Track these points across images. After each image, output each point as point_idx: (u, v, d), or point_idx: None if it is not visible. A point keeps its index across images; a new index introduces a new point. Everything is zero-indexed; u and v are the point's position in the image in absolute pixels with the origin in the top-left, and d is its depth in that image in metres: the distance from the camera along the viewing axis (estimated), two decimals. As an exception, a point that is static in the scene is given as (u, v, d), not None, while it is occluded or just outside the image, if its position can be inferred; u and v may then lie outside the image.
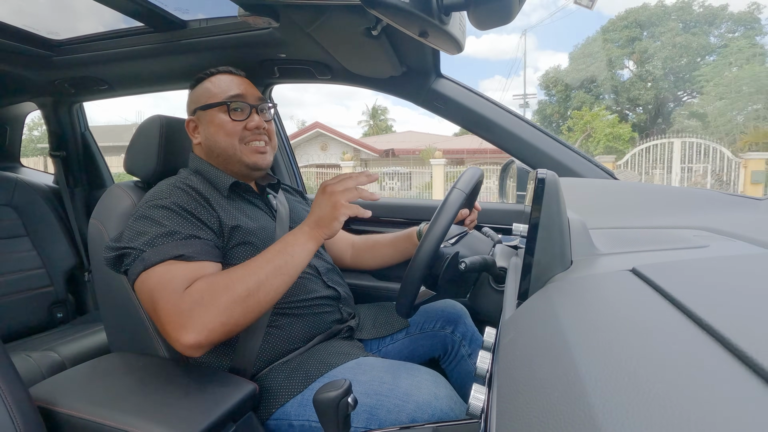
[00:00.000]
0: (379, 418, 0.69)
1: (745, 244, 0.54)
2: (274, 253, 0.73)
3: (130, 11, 1.11)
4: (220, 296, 0.66)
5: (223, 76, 0.93)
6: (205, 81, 0.93)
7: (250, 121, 0.90)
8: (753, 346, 0.21)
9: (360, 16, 0.89)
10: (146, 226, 0.74)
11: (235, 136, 0.89)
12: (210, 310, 0.65)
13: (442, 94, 1.25)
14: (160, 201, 0.78)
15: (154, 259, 0.70)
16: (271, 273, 0.71)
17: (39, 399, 0.66)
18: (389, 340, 1.01)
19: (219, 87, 0.91)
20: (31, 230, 1.68)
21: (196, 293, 0.66)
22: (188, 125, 0.93)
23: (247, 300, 0.67)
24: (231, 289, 0.67)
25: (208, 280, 0.69)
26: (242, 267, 0.71)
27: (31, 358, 1.26)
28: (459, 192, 0.73)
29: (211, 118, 0.89)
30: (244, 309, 0.67)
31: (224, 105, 0.89)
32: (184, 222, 0.76)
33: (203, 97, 0.91)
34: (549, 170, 0.48)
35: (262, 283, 0.69)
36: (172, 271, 0.69)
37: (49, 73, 1.51)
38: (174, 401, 0.65)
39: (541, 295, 0.43)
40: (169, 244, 0.72)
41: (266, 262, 0.72)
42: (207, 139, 0.90)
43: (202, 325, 0.64)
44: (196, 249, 0.73)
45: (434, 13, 0.65)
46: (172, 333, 0.65)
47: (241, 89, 0.91)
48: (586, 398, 0.21)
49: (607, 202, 0.90)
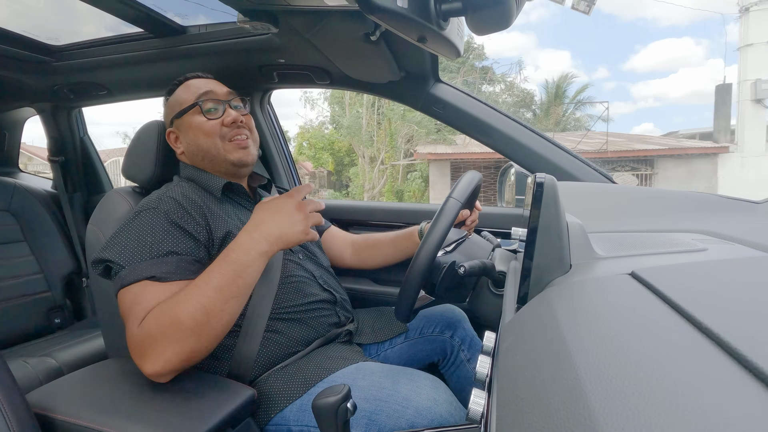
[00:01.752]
0: (378, 423, 0.69)
1: (744, 247, 0.54)
2: (221, 276, 0.68)
3: (129, 17, 1.11)
4: (167, 330, 0.65)
5: (190, 81, 0.94)
6: (176, 90, 0.94)
7: (226, 116, 0.89)
8: (752, 349, 0.21)
9: (358, 22, 0.90)
10: (128, 239, 0.74)
11: (214, 135, 0.88)
12: (161, 344, 0.65)
13: (441, 98, 1.25)
14: (147, 212, 0.77)
15: (129, 279, 0.70)
16: (221, 300, 0.67)
17: (36, 405, 0.66)
18: (388, 344, 1.00)
19: (188, 91, 0.91)
20: (29, 235, 1.67)
21: (147, 327, 0.65)
22: (169, 137, 0.93)
23: (197, 330, 0.65)
24: (177, 322, 0.65)
25: (156, 313, 0.66)
26: (187, 294, 0.66)
27: (28, 364, 1.25)
28: (455, 201, 0.73)
29: (188, 124, 0.89)
30: (197, 337, 0.66)
31: (196, 106, 0.89)
32: (165, 236, 0.74)
33: (176, 104, 0.91)
34: (547, 174, 0.48)
35: (210, 312, 0.66)
36: (143, 294, 0.69)
37: (48, 78, 1.51)
38: (172, 407, 0.65)
39: (540, 299, 0.43)
40: (146, 262, 0.71)
41: (215, 289, 0.67)
42: (189, 145, 0.90)
43: (157, 356, 0.64)
44: (171, 268, 0.71)
45: (432, 18, 0.66)
46: (135, 360, 0.66)
47: (209, 87, 0.91)
48: (586, 402, 0.21)
49: (605, 205, 0.91)
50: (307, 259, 0.97)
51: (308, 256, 0.98)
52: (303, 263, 0.94)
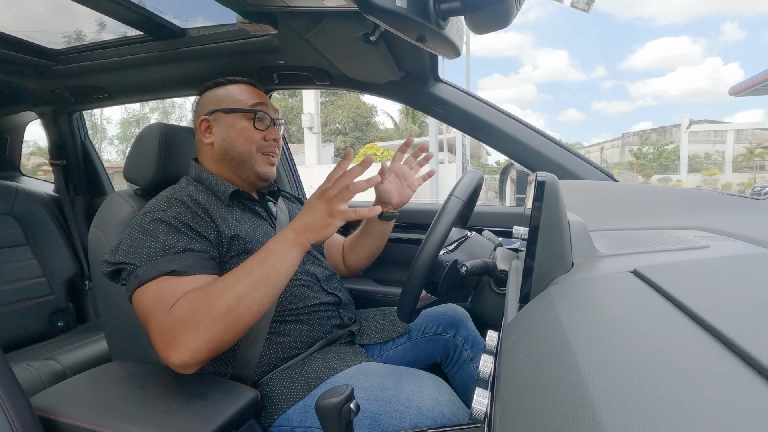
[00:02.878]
0: (381, 424, 0.69)
1: (746, 244, 0.54)
2: (254, 263, 0.70)
3: (129, 20, 1.11)
4: (200, 315, 0.65)
5: (246, 86, 0.96)
6: (227, 86, 0.95)
7: (269, 132, 0.93)
8: (755, 346, 0.21)
9: (358, 22, 0.90)
10: (141, 240, 0.74)
11: (254, 143, 0.91)
12: (192, 330, 0.64)
13: (441, 98, 1.25)
14: (156, 214, 0.77)
15: (148, 276, 0.69)
16: (251, 286, 0.68)
17: (40, 408, 0.66)
18: (391, 345, 1.00)
19: (244, 95, 0.93)
20: (32, 239, 1.68)
21: (178, 313, 0.66)
22: (200, 124, 0.93)
23: (227, 317, 0.65)
24: (210, 308, 0.65)
25: (190, 298, 0.67)
26: (222, 281, 0.69)
27: (31, 368, 1.25)
28: (456, 199, 0.73)
29: (232, 122, 0.91)
30: (225, 325, 0.65)
31: (251, 113, 0.91)
32: (179, 235, 0.75)
33: (226, 100, 0.92)
34: (549, 173, 0.48)
35: (241, 298, 0.67)
36: (163, 289, 0.69)
37: (48, 82, 1.52)
38: (175, 409, 0.65)
39: (542, 297, 0.43)
40: (163, 259, 0.71)
41: (245, 274, 0.69)
42: (224, 141, 0.91)
43: (186, 345, 0.64)
44: (189, 263, 0.72)
45: (431, 18, 0.66)
46: (161, 352, 0.65)
47: (264, 100, 0.94)
48: (590, 400, 0.21)
49: (607, 203, 0.90)
50: (311, 262, 0.97)
51: (311, 259, 0.98)
52: (306, 266, 0.94)
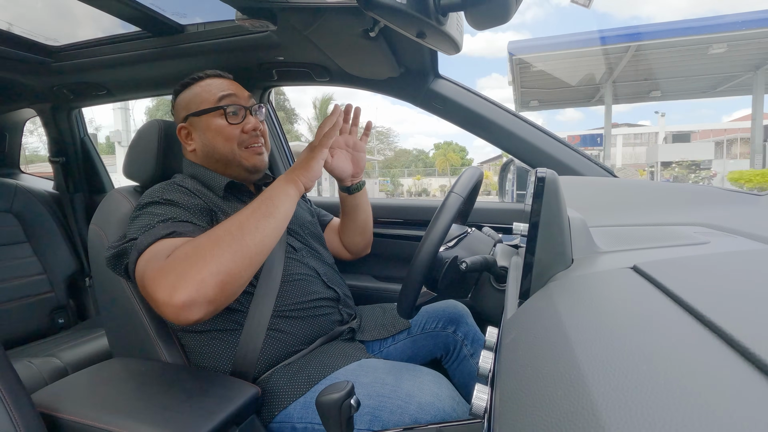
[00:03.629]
0: (381, 419, 0.69)
1: (746, 239, 0.54)
2: (254, 201, 0.74)
3: (128, 16, 1.11)
4: (204, 248, 0.64)
5: (211, 80, 0.92)
6: (193, 86, 0.92)
7: (246, 123, 0.90)
8: (755, 342, 0.21)
9: (357, 18, 0.89)
10: (140, 221, 0.74)
11: (233, 140, 0.89)
12: (196, 262, 0.62)
13: (441, 94, 1.25)
14: (152, 199, 0.78)
15: (146, 242, 0.69)
16: (254, 218, 0.70)
17: (41, 405, 0.66)
18: (391, 341, 1.00)
19: (210, 91, 0.90)
20: (32, 236, 1.68)
21: (181, 252, 0.64)
22: (180, 132, 0.92)
23: (233, 245, 0.65)
24: (213, 239, 0.65)
25: (193, 239, 0.67)
26: (226, 220, 0.70)
27: (33, 364, 1.26)
28: (456, 196, 0.73)
29: (206, 124, 0.89)
30: (231, 254, 0.64)
31: (220, 109, 0.88)
32: (178, 210, 0.76)
33: (194, 102, 0.90)
34: (549, 169, 0.48)
35: (244, 227, 0.68)
36: (161, 246, 0.68)
37: (47, 79, 1.51)
38: (176, 405, 0.65)
39: (542, 293, 0.43)
40: (160, 226, 0.71)
41: (249, 210, 0.72)
42: (204, 146, 0.90)
43: (191, 278, 0.60)
44: (188, 228, 0.73)
45: (431, 13, 0.65)
46: (163, 296, 0.60)
47: (231, 90, 0.90)
48: (589, 396, 0.21)
49: (607, 200, 0.90)
50: (310, 256, 0.97)
51: (311, 253, 0.98)
52: (306, 260, 0.94)
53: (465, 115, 1.25)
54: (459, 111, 1.25)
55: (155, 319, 0.84)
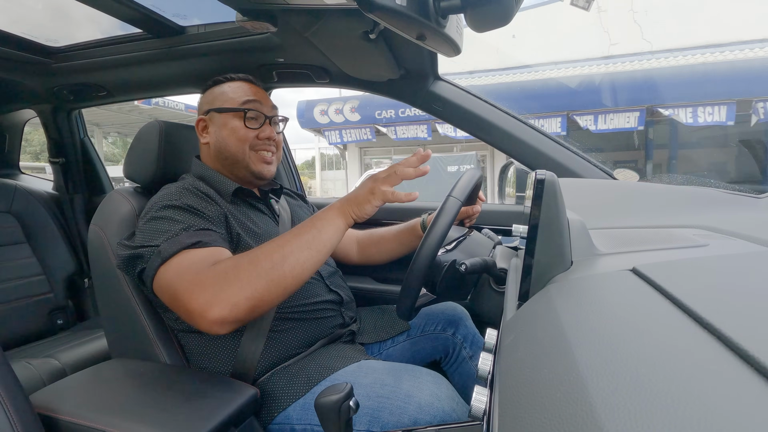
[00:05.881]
0: (381, 420, 0.69)
1: (745, 242, 0.54)
2: (301, 227, 0.74)
3: (128, 18, 1.11)
4: (243, 270, 0.66)
5: (242, 83, 0.95)
6: (223, 84, 0.94)
7: (262, 131, 0.92)
8: (754, 344, 0.21)
9: (357, 20, 0.89)
10: (159, 225, 0.74)
11: (246, 142, 0.90)
12: (234, 284, 0.65)
13: (441, 96, 1.25)
14: (171, 202, 0.78)
15: (171, 250, 0.69)
16: (297, 246, 0.70)
17: (40, 406, 0.66)
18: (390, 343, 1.00)
19: (237, 93, 0.92)
20: (31, 237, 1.68)
21: (221, 269, 0.66)
22: (198, 125, 0.94)
23: (271, 273, 0.66)
24: (255, 263, 0.67)
25: (233, 258, 0.69)
26: (268, 243, 0.71)
27: (31, 365, 1.25)
28: (455, 200, 0.73)
29: (224, 122, 0.90)
30: (267, 282, 0.66)
31: (241, 111, 0.90)
32: (196, 218, 0.77)
33: (219, 99, 0.92)
34: (548, 171, 0.48)
35: (287, 256, 0.68)
36: (190, 257, 0.69)
37: (47, 80, 1.51)
38: (175, 407, 0.65)
39: (541, 295, 0.43)
40: (184, 234, 0.72)
41: (293, 236, 0.72)
42: (217, 141, 0.91)
43: (227, 299, 0.64)
44: (212, 238, 0.74)
45: (431, 16, 0.66)
46: (196, 309, 0.64)
47: (258, 97, 0.93)
48: (588, 398, 0.21)
49: (606, 202, 0.90)
50: None
51: None
52: None
53: (465, 116, 1.25)
54: (459, 113, 1.25)
55: (154, 320, 0.84)
